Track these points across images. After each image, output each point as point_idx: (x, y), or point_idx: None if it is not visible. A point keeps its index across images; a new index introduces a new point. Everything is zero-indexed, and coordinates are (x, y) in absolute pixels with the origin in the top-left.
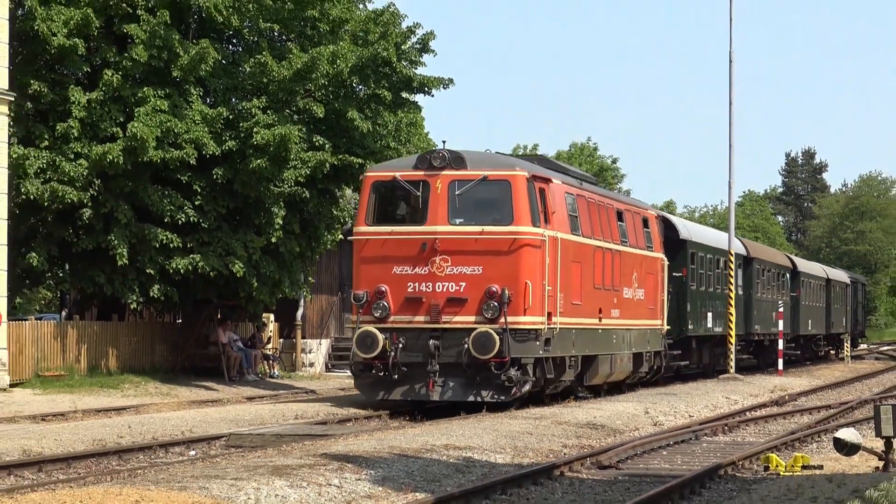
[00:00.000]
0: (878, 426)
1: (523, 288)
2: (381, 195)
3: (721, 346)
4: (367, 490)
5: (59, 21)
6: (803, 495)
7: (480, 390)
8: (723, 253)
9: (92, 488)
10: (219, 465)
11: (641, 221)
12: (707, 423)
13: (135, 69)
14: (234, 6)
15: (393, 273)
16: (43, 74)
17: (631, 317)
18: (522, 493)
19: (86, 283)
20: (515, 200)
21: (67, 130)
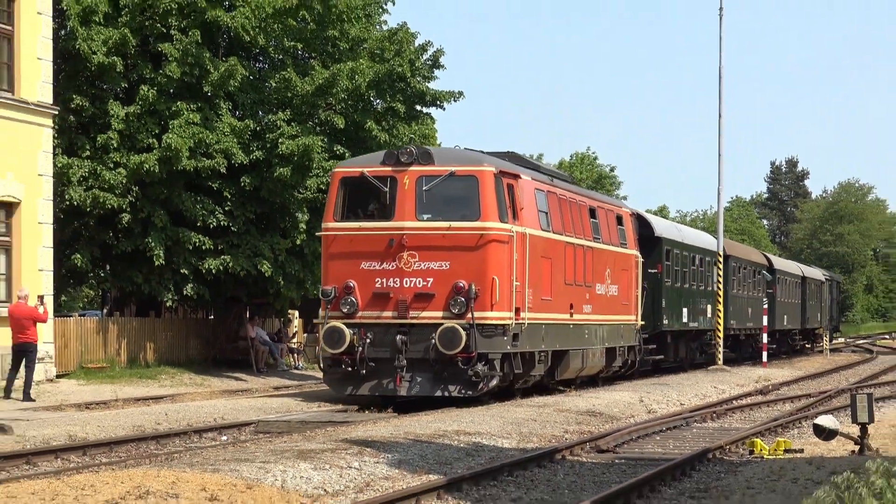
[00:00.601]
0: (854, 413)
1: (490, 283)
2: (350, 191)
3: (696, 341)
4: (384, 472)
5: (98, 40)
6: (785, 476)
7: (448, 385)
8: (698, 250)
9: (132, 470)
10: (248, 450)
11: (615, 219)
12: (697, 411)
13: (169, 85)
14: (260, 26)
15: (361, 268)
16: (84, 90)
17: (604, 312)
18: (527, 475)
19: (125, 283)
20: (482, 196)
21: (107, 141)
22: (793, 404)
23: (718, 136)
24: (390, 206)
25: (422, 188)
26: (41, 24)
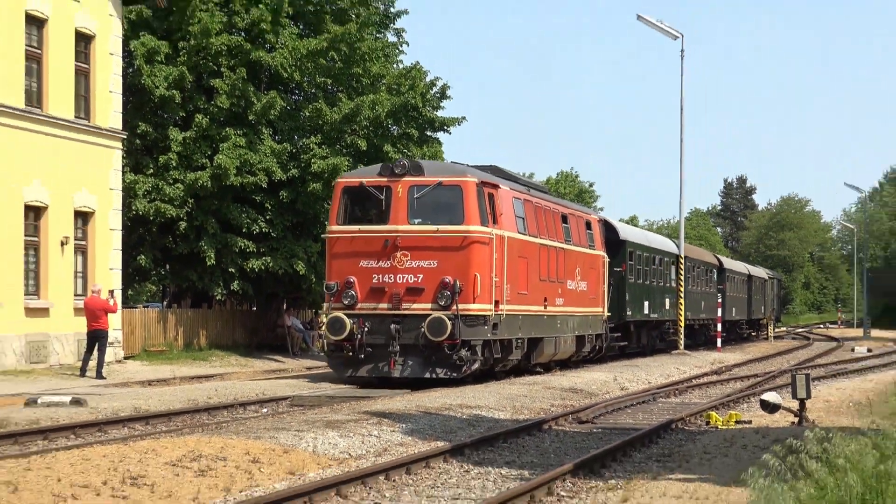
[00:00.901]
0: (794, 390)
1: (473, 279)
2: (351, 199)
3: (657, 330)
4: (399, 439)
5: (160, 77)
6: (736, 444)
7: (435, 368)
8: (658, 251)
9: (187, 437)
10: (285, 420)
11: (584, 224)
12: (662, 388)
13: (219, 114)
14: (296, 65)
15: (360, 266)
16: (148, 118)
17: (574, 304)
18: (519, 441)
19: (182, 280)
20: (466, 203)
21: (167, 161)
22: (743, 383)
23: (680, 158)
24: (386, 212)
25: (413, 196)
26: (112, 63)
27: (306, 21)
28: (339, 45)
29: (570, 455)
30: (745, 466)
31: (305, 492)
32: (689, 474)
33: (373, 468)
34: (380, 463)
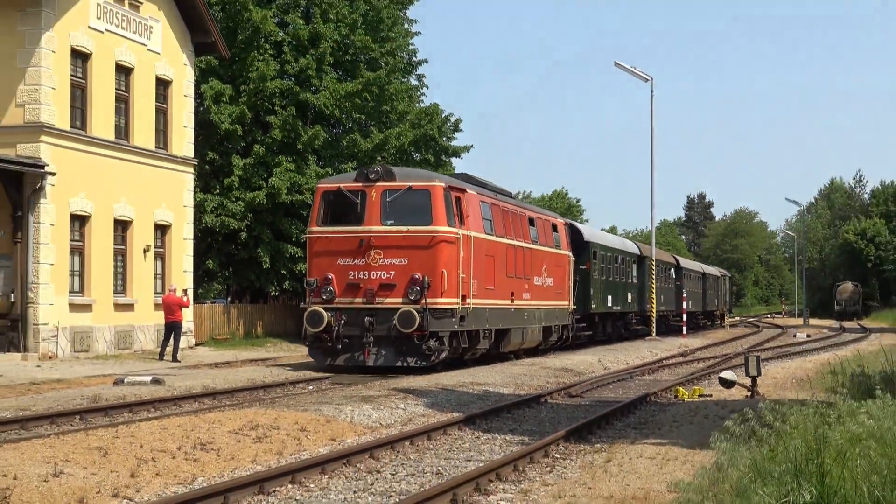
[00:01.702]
0: (747, 369)
1: (440, 275)
2: (329, 202)
3: (621, 320)
4: (421, 411)
5: (225, 114)
6: (699, 413)
7: (406, 357)
8: (620, 252)
9: (247, 410)
10: (327, 395)
11: (551, 226)
12: (638, 368)
13: (273, 144)
14: (336, 104)
15: (338, 264)
16: (215, 147)
17: (541, 298)
18: (521, 412)
19: (242, 280)
20: (434, 206)
21: (231, 183)
22: (704, 363)
23: (651, 177)
24: (361, 214)
25: (386, 200)
26: (186, 103)
27: (344, 68)
28: (372, 88)
29: (562, 424)
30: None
31: (344, 455)
32: (662, 439)
33: (399, 435)
34: (405, 431)
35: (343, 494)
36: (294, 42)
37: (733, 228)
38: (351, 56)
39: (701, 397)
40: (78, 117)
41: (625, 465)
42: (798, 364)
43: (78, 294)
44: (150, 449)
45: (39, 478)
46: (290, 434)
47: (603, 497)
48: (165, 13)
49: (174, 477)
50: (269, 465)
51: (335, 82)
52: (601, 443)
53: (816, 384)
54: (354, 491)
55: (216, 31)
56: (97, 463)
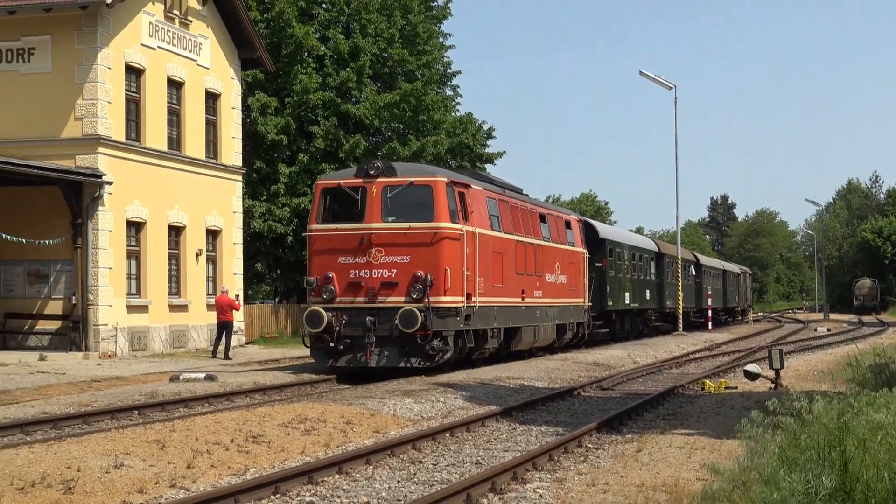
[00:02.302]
0: (770, 362)
1: (443, 273)
2: (329, 199)
3: (639, 317)
4: (460, 404)
5: (271, 125)
6: (725, 405)
7: (410, 358)
8: (637, 248)
9: (295, 404)
10: (371, 390)
11: (564, 223)
12: (666, 362)
13: (317, 153)
14: (376, 114)
15: (338, 262)
16: (262, 156)
17: (553, 296)
18: (554, 405)
19: (289, 281)
20: (436, 201)
21: (277, 190)
22: (730, 357)
23: (676, 180)
24: (361, 211)
25: (387, 196)
26: (234, 115)
27: (383, 80)
28: (409, 98)
29: (595, 415)
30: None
31: (388, 446)
32: (690, 429)
33: (440, 427)
34: (446, 423)
35: (387, 484)
36: (335, 56)
37: (755, 228)
38: (389, 68)
39: (727, 389)
40: (133, 129)
41: (655, 455)
42: (819, 357)
43: (135, 296)
44: (204, 441)
45: (101, 469)
46: (337, 427)
47: (634, 485)
48: (214, 31)
49: (228, 468)
50: (317, 457)
51: (374, 94)
52: (632, 433)
53: (836, 376)
54: (398, 480)
55: (261, 46)
56: (155, 455)
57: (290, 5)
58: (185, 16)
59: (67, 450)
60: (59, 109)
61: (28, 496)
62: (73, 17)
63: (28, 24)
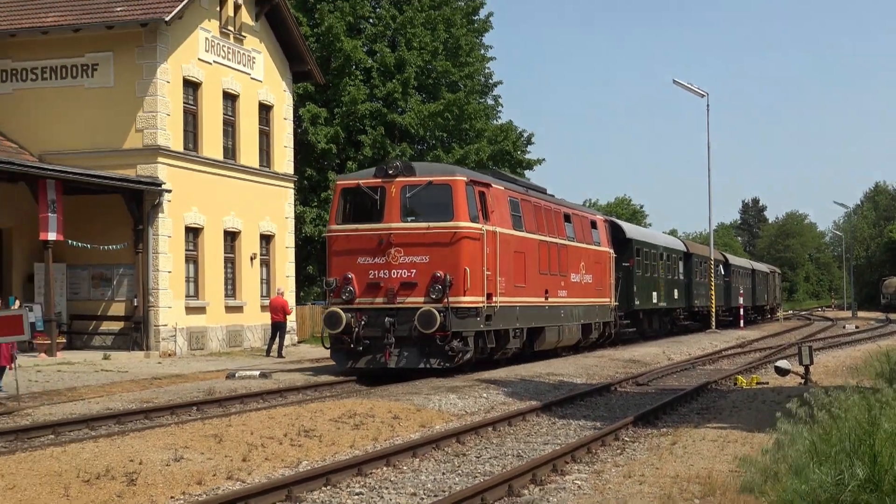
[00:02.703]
0: (800, 358)
1: (463, 273)
2: (348, 199)
3: (667, 316)
4: (502, 400)
5: (321, 134)
6: (757, 399)
7: (429, 358)
8: (664, 248)
9: (346, 400)
10: (417, 387)
11: (589, 223)
12: (699, 358)
13: (364, 161)
14: (420, 123)
15: (358, 263)
16: (312, 164)
17: (579, 296)
18: (592, 400)
19: None
20: (456, 200)
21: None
22: (761, 353)
23: (708, 183)
24: (380, 211)
25: (406, 195)
26: (286, 126)
27: (427, 90)
28: (452, 108)
29: (631, 410)
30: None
31: (434, 440)
32: (722, 423)
33: (483, 421)
34: (488, 418)
35: (433, 475)
36: (382, 68)
37: (785, 230)
38: (433, 80)
39: (758, 385)
40: (190, 140)
41: (689, 447)
42: (847, 353)
43: (193, 298)
44: (259, 436)
45: (162, 462)
46: (385, 421)
47: (669, 476)
48: (266, 45)
49: (281, 461)
50: (366, 450)
51: (419, 104)
52: (667, 427)
53: (864, 372)
54: (443, 472)
55: (312, 60)
56: (213, 449)
57: (338, 20)
58: (240, 31)
59: (130, 444)
60: (121, 122)
61: (93, 488)
62: (134, 34)
63: (91, 41)
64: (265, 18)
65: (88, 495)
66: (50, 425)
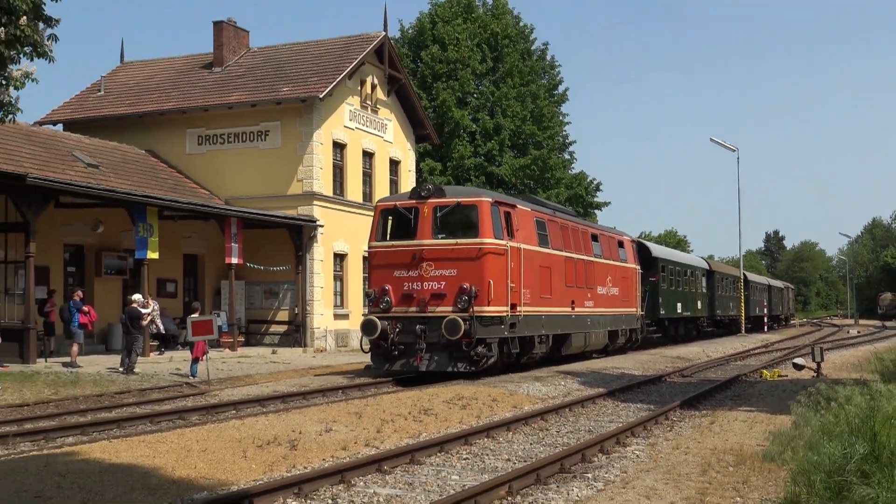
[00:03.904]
0: (813, 356)
1: (487, 285)
2: (387, 219)
3: (692, 324)
4: (576, 387)
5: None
6: (779, 389)
7: (457, 363)
8: (688, 266)
9: (455, 386)
10: (511, 377)
11: (616, 243)
12: (732, 356)
13: None
14: (513, 174)
15: (394, 276)
16: None
17: (605, 306)
18: (647, 387)
19: None
20: (481, 219)
21: None
22: (781, 352)
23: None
24: (414, 229)
25: (437, 215)
26: (410, 176)
27: (518, 148)
28: (537, 162)
29: (678, 396)
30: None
31: (523, 417)
32: (751, 407)
33: (561, 404)
34: (566, 401)
35: (523, 445)
36: (483, 132)
37: (800, 255)
38: (522, 140)
39: (779, 377)
40: (338, 187)
41: (724, 426)
42: (851, 353)
43: (339, 307)
44: (389, 413)
45: (316, 433)
46: (485, 403)
47: (709, 449)
48: (395, 115)
49: (406, 433)
50: (471, 425)
51: (512, 158)
52: (706, 410)
53: (865, 367)
54: (530, 443)
55: (430, 126)
56: (354, 423)
57: (450, 96)
58: (375, 105)
59: (292, 418)
60: (286, 174)
61: (265, 451)
62: (296, 108)
63: (264, 113)
64: (395, 94)
65: (261, 457)
66: (232, 403)
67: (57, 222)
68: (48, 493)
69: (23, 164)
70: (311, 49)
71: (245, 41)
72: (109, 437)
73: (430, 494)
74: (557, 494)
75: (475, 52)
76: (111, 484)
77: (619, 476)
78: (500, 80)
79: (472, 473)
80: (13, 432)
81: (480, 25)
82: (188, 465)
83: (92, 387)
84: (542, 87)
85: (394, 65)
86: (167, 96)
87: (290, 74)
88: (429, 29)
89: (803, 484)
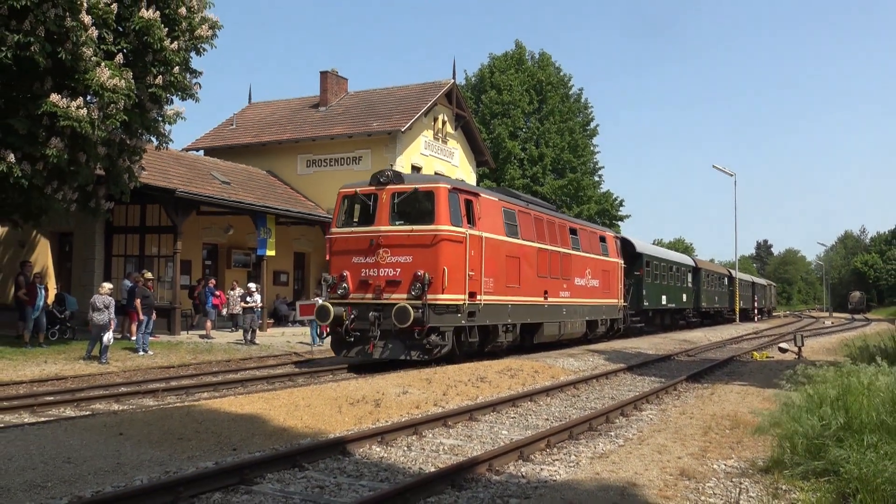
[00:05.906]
0: (795, 341)
1: (441, 273)
2: (347, 205)
3: (678, 314)
4: (602, 363)
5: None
6: (766, 368)
7: (410, 350)
8: (673, 262)
9: (506, 360)
10: (550, 354)
11: (598, 238)
12: (728, 340)
13: None
14: (553, 192)
15: (352, 262)
16: None
17: (583, 297)
18: (660, 364)
19: None
20: (438, 206)
21: None
22: (768, 338)
23: (735, 230)
24: (372, 215)
25: (394, 201)
26: None
27: (557, 172)
28: (573, 183)
29: (684, 371)
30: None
31: (559, 386)
32: (744, 382)
33: (590, 376)
34: (594, 373)
35: (559, 408)
36: (529, 158)
37: (785, 260)
38: (561, 165)
39: (767, 358)
40: None
41: (722, 397)
42: (826, 339)
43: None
44: (453, 380)
45: (395, 395)
46: (529, 374)
47: (710, 414)
48: (461, 145)
49: (466, 396)
50: (518, 391)
51: (552, 180)
52: (708, 383)
53: (839, 351)
54: (565, 406)
55: (488, 153)
56: (425, 387)
57: (504, 130)
58: (445, 137)
59: (377, 382)
60: None
61: (355, 407)
62: (383, 138)
63: (358, 143)
64: (460, 129)
65: (353, 412)
66: (330, 370)
67: (198, 226)
68: (188, 435)
69: (172, 181)
70: (395, 93)
71: (344, 86)
72: (235, 393)
73: (484, 445)
74: (586, 448)
75: (524, 95)
76: (237, 430)
77: (636, 434)
78: (544, 117)
79: (519, 429)
80: (162, 388)
81: (529, 75)
82: (296, 417)
83: (222, 354)
84: (578, 124)
85: (460, 105)
86: (283, 129)
87: (379, 112)
88: (488, 77)
89: (788, 447)
